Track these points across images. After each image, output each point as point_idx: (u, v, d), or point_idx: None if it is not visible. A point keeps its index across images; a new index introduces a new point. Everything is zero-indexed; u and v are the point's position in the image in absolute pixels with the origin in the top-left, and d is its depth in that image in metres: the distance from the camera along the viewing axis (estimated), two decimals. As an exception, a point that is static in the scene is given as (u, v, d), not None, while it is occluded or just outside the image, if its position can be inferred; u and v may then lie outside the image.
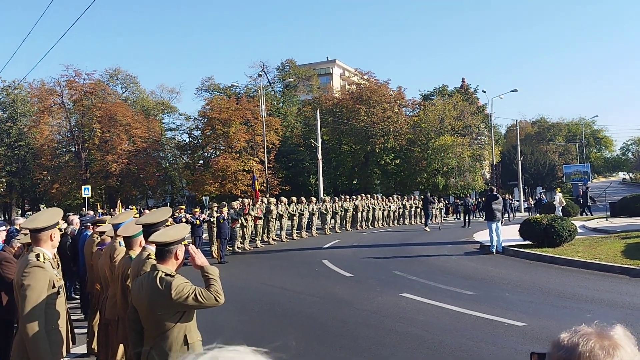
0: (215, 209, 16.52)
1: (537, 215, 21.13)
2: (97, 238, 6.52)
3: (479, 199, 47.13)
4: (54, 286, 3.49)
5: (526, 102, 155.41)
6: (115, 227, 4.83)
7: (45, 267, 3.48)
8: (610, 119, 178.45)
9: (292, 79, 53.80)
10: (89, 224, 8.92)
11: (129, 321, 3.29)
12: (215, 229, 16.06)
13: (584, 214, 29.18)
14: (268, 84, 55.89)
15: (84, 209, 35.21)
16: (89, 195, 34.11)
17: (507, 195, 41.84)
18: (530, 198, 48.44)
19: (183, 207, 18.08)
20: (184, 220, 15.73)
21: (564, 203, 26.88)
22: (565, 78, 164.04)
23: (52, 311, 3.44)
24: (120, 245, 4.71)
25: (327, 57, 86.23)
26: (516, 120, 51.05)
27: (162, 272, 3.08)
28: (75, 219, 11.44)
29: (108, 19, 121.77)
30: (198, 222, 16.07)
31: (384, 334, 6.94)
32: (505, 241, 15.33)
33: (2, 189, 47.81)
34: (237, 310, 8.90)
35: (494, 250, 14.25)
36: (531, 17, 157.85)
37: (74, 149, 45.58)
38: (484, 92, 46.01)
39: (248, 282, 12.05)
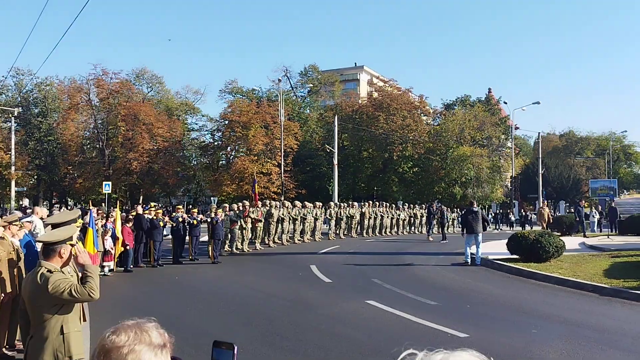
0: (214, 210, 17.02)
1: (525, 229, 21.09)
2: None
3: (497, 212, 46.88)
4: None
5: (556, 115, 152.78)
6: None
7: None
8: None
9: (313, 84, 54.30)
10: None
11: (21, 311, 3.69)
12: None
13: (613, 230, 26.47)
14: (290, 88, 56.56)
15: (103, 204, 36.42)
16: (110, 191, 35.20)
17: (512, 210, 41.45)
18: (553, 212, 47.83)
19: (181, 207, 18.61)
20: (180, 220, 16.30)
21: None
22: (598, 90, 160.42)
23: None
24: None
25: (355, 63, 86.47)
26: (538, 133, 50.35)
27: (45, 268, 3.46)
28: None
29: (138, 21, 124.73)
30: (195, 222, 16.56)
31: (327, 338, 7.23)
32: (495, 254, 15.42)
33: (31, 182, 49.64)
34: (204, 309, 9.31)
35: (469, 261, 14.53)
36: (562, 27, 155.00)
37: (98, 146, 47.00)
38: (505, 103, 45.67)
39: (229, 283, 12.46)
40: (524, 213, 43.78)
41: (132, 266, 14.27)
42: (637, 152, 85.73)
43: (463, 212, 15.84)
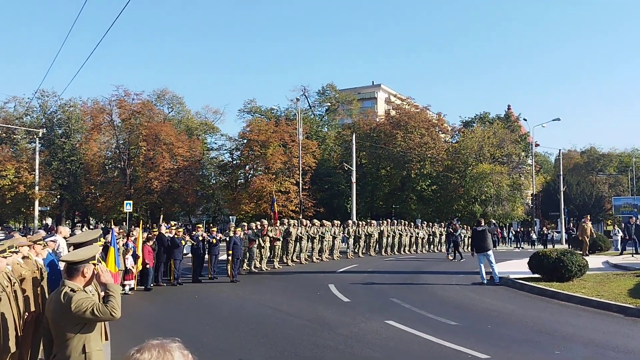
0: (232, 228, 17.12)
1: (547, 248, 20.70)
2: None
3: (518, 230, 46.25)
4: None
5: (577, 131, 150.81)
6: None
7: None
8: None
9: (331, 103, 54.62)
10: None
11: (44, 330, 3.76)
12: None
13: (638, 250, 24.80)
14: (308, 107, 56.95)
15: (124, 223, 36.87)
16: (131, 210, 35.68)
17: (533, 228, 40.79)
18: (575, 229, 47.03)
19: (200, 226, 18.75)
20: (200, 238, 16.42)
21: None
22: (619, 105, 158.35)
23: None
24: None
25: (373, 82, 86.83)
26: (559, 150, 49.96)
27: (68, 287, 3.53)
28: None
29: (160, 43, 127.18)
30: (215, 240, 16.67)
31: (346, 358, 7.20)
32: (516, 273, 15.23)
33: (54, 201, 50.53)
34: (223, 328, 9.34)
35: (485, 281, 14.40)
36: (580, 40, 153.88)
37: (120, 165, 47.72)
38: (525, 120, 45.44)
39: (248, 301, 12.47)
40: (545, 231, 43.11)
41: (152, 285, 14.39)
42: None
43: (474, 231, 15.74)
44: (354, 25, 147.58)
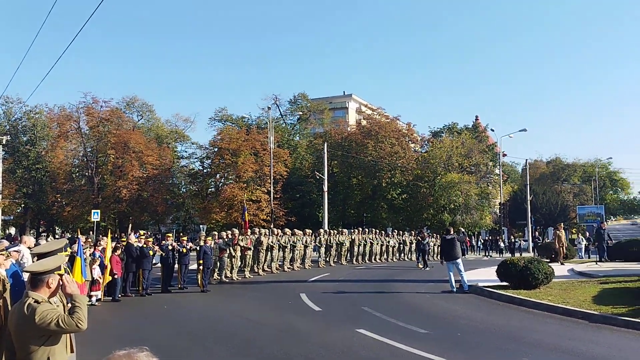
0: (203, 238, 16.93)
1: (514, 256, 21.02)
2: None
3: (486, 238, 46.99)
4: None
5: (543, 142, 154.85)
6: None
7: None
8: (627, 161, 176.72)
9: (302, 112, 54.76)
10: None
11: (6, 342, 3.65)
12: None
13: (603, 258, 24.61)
14: (280, 116, 56.96)
15: (91, 232, 36.06)
16: (98, 219, 34.97)
17: (501, 237, 41.53)
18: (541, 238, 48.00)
19: (170, 235, 18.49)
20: (170, 247, 16.19)
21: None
22: (583, 117, 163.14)
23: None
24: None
25: (344, 92, 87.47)
26: (526, 160, 51.04)
27: (32, 299, 3.43)
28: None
29: (130, 51, 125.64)
30: (185, 250, 16.44)
31: (317, 368, 7.16)
32: (485, 281, 15.45)
33: (18, 210, 49.11)
34: (193, 339, 9.21)
35: (454, 289, 14.59)
36: (547, 57, 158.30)
37: (87, 174, 46.76)
38: (492, 130, 46.33)
39: (219, 311, 12.34)
40: (512, 239, 43.90)
41: (120, 295, 14.10)
42: (623, 179, 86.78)
43: (442, 240, 15.94)
44: (326, 36, 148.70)
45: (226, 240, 18.20)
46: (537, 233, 46.22)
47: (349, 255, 26.67)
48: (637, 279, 14.62)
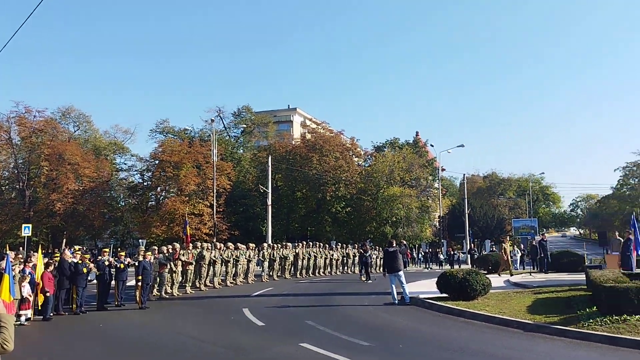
0: (142, 252, 16.42)
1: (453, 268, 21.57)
2: None
3: (426, 251, 48.06)
4: None
5: (480, 157, 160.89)
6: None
7: None
8: (558, 177, 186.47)
9: (246, 125, 54.52)
10: None
11: None
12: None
13: (535, 267, 26.49)
14: (223, 128, 56.42)
15: (22, 247, 34.24)
16: (30, 234, 33.31)
17: (441, 249, 42.60)
18: (479, 250, 49.64)
19: (107, 250, 17.82)
20: (106, 263, 15.59)
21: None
22: (518, 134, 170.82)
23: None
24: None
25: (289, 105, 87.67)
26: (463, 175, 52.76)
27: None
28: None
29: (66, 60, 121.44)
30: (122, 265, 15.88)
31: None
32: (426, 293, 15.75)
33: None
34: (131, 357, 8.88)
35: (396, 301, 14.76)
36: (484, 78, 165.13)
37: (18, 186, 44.56)
38: (432, 145, 47.70)
39: (158, 329, 11.96)
40: (451, 252, 45.10)
41: (52, 314, 13.42)
42: (554, 193, 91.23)
43: (385, 252, 16.15)
44: (270, 49, 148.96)
45: (167, 255, 17.73)
46: (474, 245, 47.72)
47: (292, 269, 26.58)
48: (567, 289, 15.35)
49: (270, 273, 24.76)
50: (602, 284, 11.07)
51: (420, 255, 47.93)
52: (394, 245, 15.86)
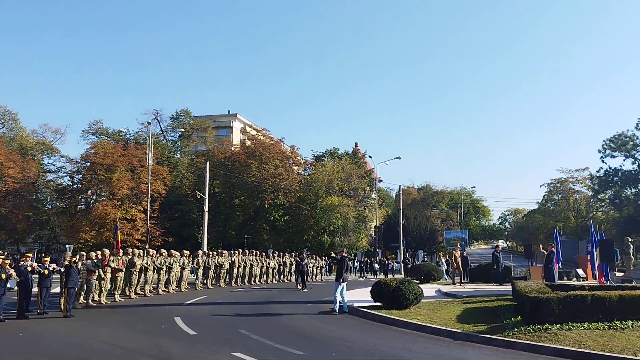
0: (68, 258, 15.68)
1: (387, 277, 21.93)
2: None
3: (362, 260, 48.67)
4: None
5: (415, 169, 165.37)
6: None
7: None
8: (488, 191, 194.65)
9: (184, 129, 53.46)
10: None
11: None
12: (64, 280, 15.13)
13: (465, 277, 26.30)
14: (160, 132, 55.06)
15: None
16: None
17: (376, 258, 43.27)
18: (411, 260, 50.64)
19: (30, 255, 16.88)
20: (29, 269, 14.77)
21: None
22: (451, 149, 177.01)
23: None
24: None
25: (229, 111, 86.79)
26: (399, 186, 54.06)
27: None
28: None
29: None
30: (47, 271, 15.08)
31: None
32: (360, 302, 15.93)
33: None
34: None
35: (337, 309, 14.84)
36: (426, 94, 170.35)
37: None
38: (370, 157, 48.53)
39: (84, 338, 11.42)
40: (385, 261, 45.89)
41: (-35, 323, 12.54)
42: (484, 206, 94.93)
43: (337, 259, 16.13)
44: (211, 54, 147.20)
45: (95, 261, 16.99)
46: (407, 255, 48.72)
47: (227, 277, 26.17)
48: (495, 299, 15.96)
49: (205, 281, 24.27)
50: (526, 294, 11.59)
51: (356, 264, 48.42)
52: (345, 253, 15.99)
